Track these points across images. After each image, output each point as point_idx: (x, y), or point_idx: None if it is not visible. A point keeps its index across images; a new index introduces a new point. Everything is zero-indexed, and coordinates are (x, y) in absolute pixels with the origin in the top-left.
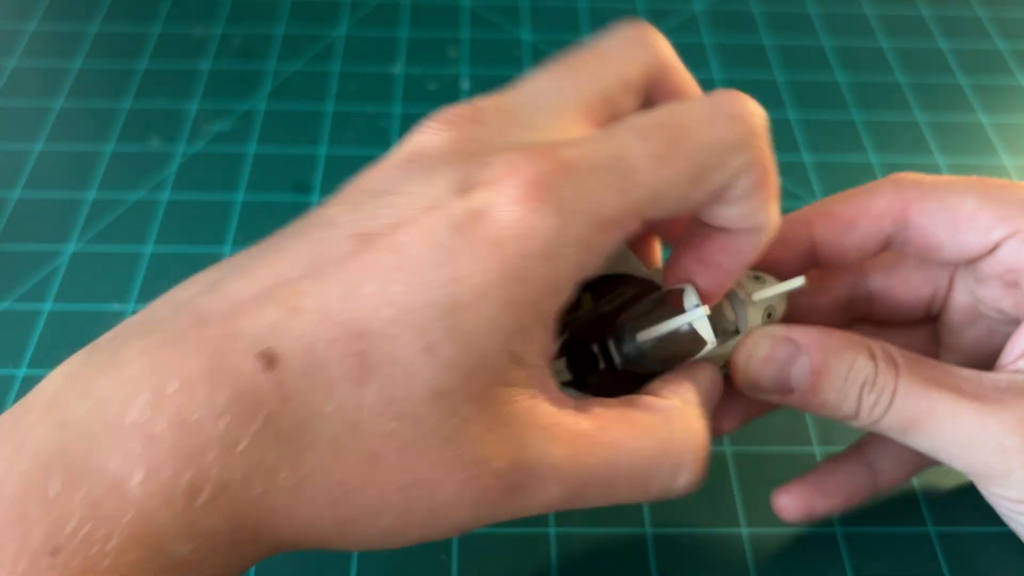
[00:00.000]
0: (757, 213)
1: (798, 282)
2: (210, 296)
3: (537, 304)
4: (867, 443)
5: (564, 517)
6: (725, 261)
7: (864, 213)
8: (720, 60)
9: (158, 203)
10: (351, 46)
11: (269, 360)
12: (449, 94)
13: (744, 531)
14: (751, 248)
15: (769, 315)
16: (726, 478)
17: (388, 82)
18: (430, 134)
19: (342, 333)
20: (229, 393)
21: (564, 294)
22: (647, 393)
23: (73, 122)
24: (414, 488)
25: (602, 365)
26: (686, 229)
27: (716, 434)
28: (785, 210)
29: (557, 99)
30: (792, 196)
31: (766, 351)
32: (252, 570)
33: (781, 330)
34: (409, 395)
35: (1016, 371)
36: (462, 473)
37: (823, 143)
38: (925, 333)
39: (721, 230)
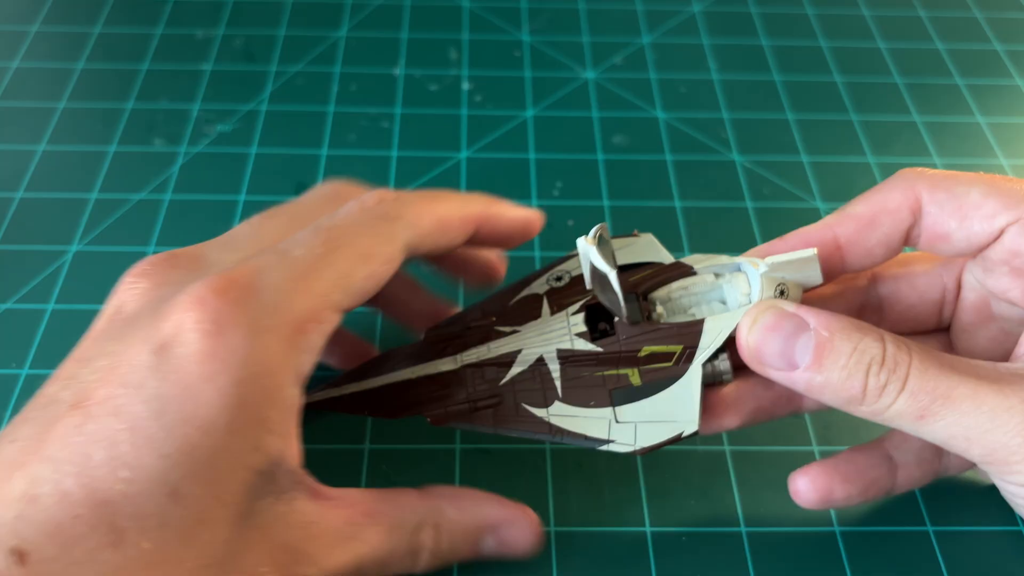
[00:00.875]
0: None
1: (810, 252)
2: None
3: (263, 420)
4: (886, 438)
5: (564, 516)
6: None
7: (883, 209)
8: (719, 61)
9: (161, 203)
10: (352, 47)
11: (19, 556)
12: (450, 95)
13: (743, 530)
14: None
15: (782, 292)
16: (726, 477)
17: (389, 83)
18: (125, 290)
19: (85, 508)
20: None
21: (288, 400)
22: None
23: (76, 123)
24: None
25: (616, 320)
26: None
27: (718, 430)
28: (785, 210)
29: (251, 239)
30: (791, 197)
31: (772, 320)
32: None
33: (789, 305)
34: (166, 540)
35: None
36: None
37: (821, 144)
38: (938, 344)
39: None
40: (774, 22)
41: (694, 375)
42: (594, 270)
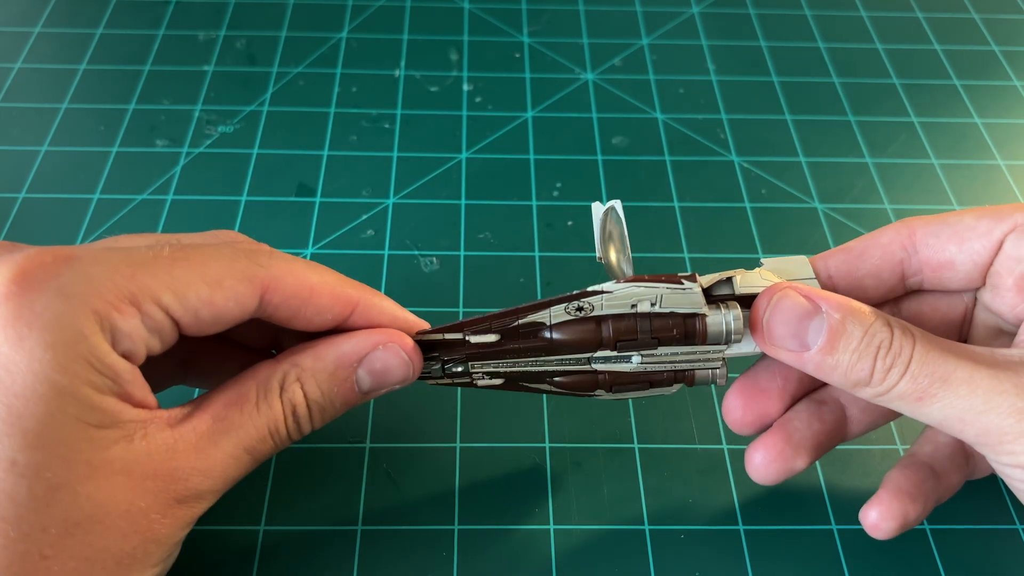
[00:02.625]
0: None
1: (802, 257)
2: None
3: (89, 382)
4: (920, 452)
5: (563, 515)
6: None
7: (875, 243)
8: (717, 62)
9: (163, 204)
10: (353, 49)
11: None
12: (450, 96)
13: (741, 528)
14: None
15: None
16: (724, 476)
17: (390, 84)
18: None
19: None
20: None
21: (115, 365)
22: None
23: (79, 123)
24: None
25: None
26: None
27: (792, 472)
28: (784, 210)
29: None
30: (789, 197)
31: (787, 301)
32: (256, 557)
33: (803, 287)
34: (20, 513)
35: None
36: (123, 528)
37: (819, 144)
38: None
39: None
40: (772, 24)
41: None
42: (604, 227)
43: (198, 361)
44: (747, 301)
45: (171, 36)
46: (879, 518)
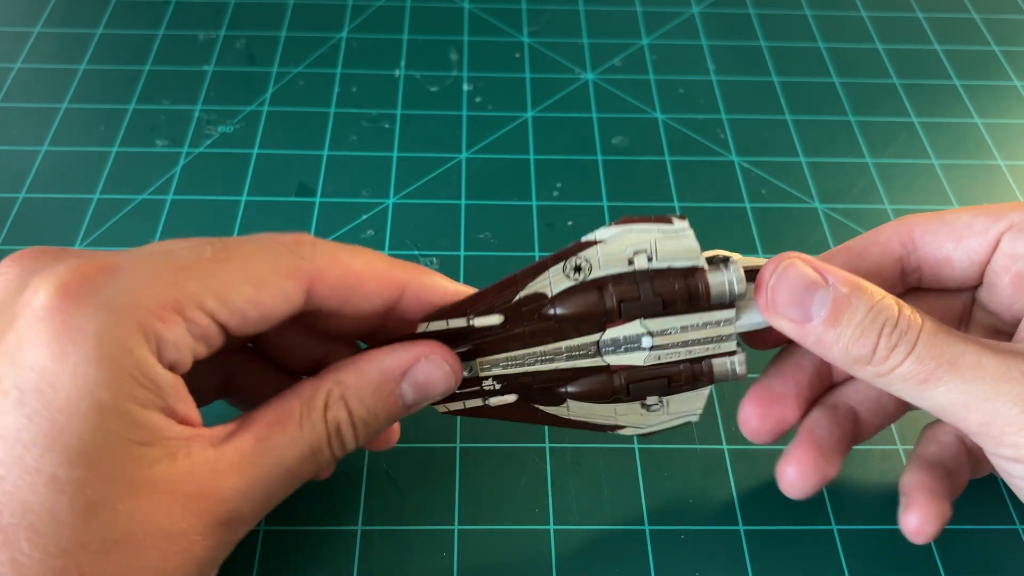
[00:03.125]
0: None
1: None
2: None
3: (132, 397)
4: (926, 451)
5: (563, 515)
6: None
7: (874, 242)
8: (717, 62)
9: (163, 204)
10: (353, 49)
11: None
12: (450, 96)
13: (741, 528)
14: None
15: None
16: (724, 476)
17: (390, 84)
18: None
19: None
20: None
21: (159, 379)
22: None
23: (79, 123)
24: None
25: None
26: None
27: (824, 481)
28: (784, 210)
29: (155, 247)
30: (789, 197)
31: (793, 271)
32: (256, 557)
33: (812, 259)
34: (59, 528)
35: None
36: (163, 548)
37: (819, 144)
38: None
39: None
40: (772, 23)
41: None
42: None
43: (241, 379)
44: (751, 276)
45: (171, 36)
46: (922, 522)
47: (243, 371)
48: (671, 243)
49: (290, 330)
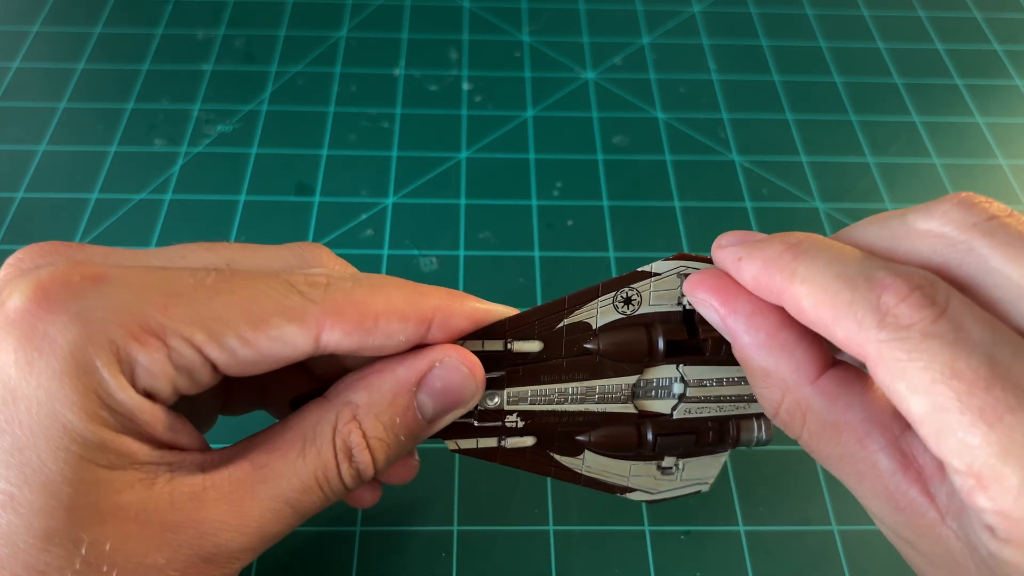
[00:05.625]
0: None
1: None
2: None
3: (99, 418)
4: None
5: (563, 516)
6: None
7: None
8: (718, 61)
9: (161, 203)
10: (353, 48)
11: None
12: (450, 95)
13: (741, 529)
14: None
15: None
16: (724, 476)
17: (389, 84)
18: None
19: None
20: None
21: (127, 403)
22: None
23: (77, 123)
24: None
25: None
26: None
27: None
28: (785, 210)
29: (165, 254)
30: (790, 197)
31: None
32: (254, 564)
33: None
34: (14, 552)
35: None
36: None
37: (820, 144)
38: None
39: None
40: (773, 22)
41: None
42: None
43: (278, 388)
44: None
45: (170, 35)
46: None
47: (280, 380)
48: None
49: None
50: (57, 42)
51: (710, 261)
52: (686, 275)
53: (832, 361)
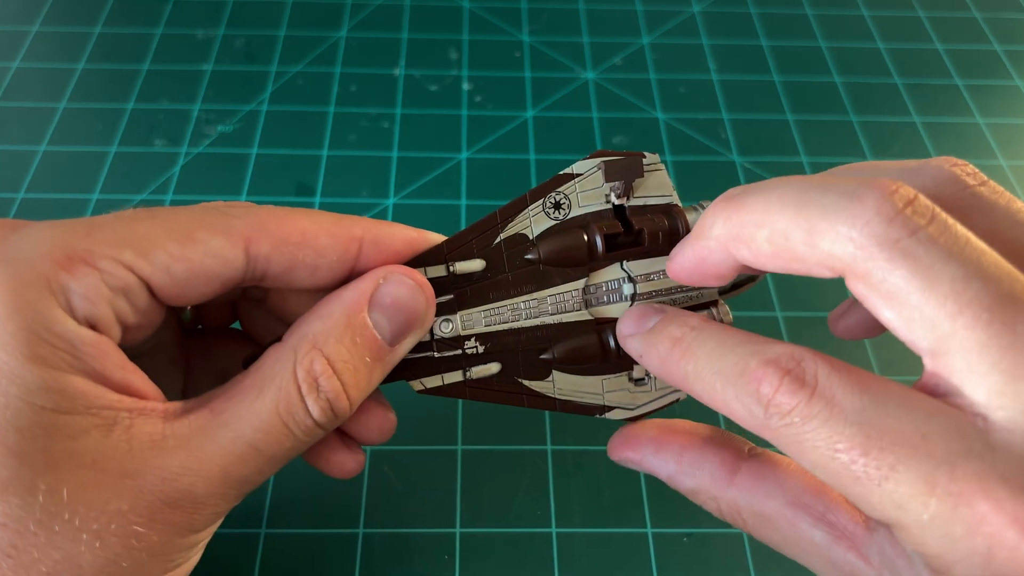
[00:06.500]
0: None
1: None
2: None
3: (40, 358)
4: None
5: (565, 518)
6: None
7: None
8: (718, 62)
9: (162, 204)
10: (353, 48)
11: None
12: (450, 95)
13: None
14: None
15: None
16: None
17: (389, 83)
18: None
19: None
20: None
21: (69, 335)
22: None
23: (77, 123)
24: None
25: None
26: None
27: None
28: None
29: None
30: None
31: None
32: (257, 560)
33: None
34: None
35: None
36: (99, 531)
37: (820, 144)
38: None
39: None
40: (773, 23)
41: None
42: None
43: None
44: None
45: (169, 35)
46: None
47: (239, 361)
48: (645, 178)
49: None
50: (57, 42)
51: (626, 155)
52: (606, 169)
53: (744, 455)
